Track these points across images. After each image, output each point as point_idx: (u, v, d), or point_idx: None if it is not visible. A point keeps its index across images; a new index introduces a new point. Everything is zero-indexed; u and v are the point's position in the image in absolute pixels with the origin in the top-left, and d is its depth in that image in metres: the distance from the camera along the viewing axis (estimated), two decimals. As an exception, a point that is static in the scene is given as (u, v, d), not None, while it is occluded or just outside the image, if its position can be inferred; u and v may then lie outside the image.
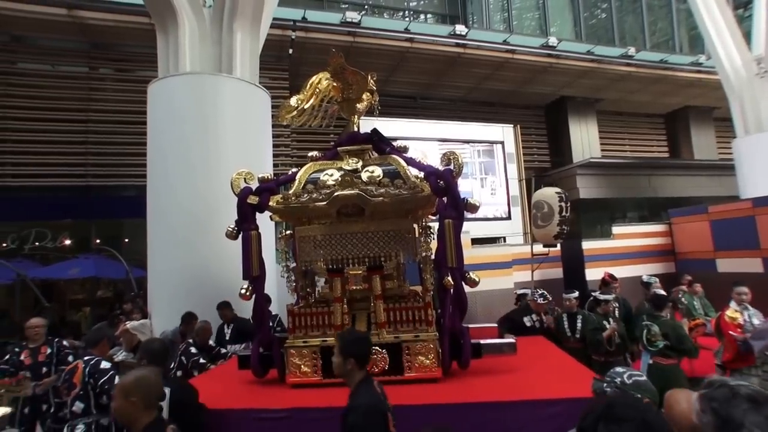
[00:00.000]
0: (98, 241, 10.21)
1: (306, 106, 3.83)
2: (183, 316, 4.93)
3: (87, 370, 3.05)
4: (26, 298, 8.90)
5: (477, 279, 3.18)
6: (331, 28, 10.20)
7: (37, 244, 9.47)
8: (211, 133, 5.68)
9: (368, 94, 3.89)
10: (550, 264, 8.35)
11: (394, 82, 12.00)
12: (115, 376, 3.02)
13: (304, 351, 3.20)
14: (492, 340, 3.43)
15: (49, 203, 9.53)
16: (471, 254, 6.46)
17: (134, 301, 6.67)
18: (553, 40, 11.84)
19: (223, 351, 4.79)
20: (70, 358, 4.10)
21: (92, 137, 9.51)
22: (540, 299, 5.12)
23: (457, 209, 3.14)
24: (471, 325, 3.51)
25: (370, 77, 3.79)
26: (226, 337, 5.12)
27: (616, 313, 5.49)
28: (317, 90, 3.84)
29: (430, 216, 3.79)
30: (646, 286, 6.41)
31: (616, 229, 9.33)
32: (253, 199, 3.31)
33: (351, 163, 3.36)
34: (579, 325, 5.02)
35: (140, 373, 1.99)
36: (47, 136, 9.20)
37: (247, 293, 3.24)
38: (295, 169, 3.56)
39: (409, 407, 2.62)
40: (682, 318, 5.99)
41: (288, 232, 3.61)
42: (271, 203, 3.31)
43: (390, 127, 8.79)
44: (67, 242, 9.88)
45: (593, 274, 7.99)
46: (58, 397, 3.82)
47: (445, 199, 3.24)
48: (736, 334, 4.23)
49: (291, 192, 3.30)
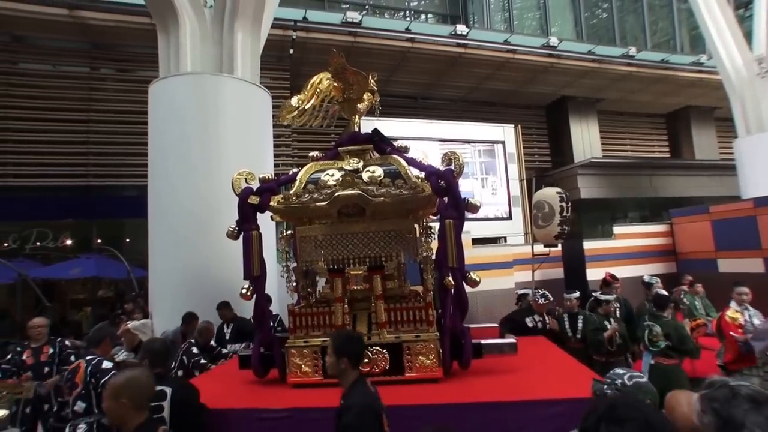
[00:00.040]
0: (99, 241, 10.24)
1: (307, 106, 3.83)
2: (183, 316, 4.94)
3: (89, 370, 3.06)
4: (27, 298, 8.92)
5: (478, 279, 3.18)
6: (332, 28, 10.20)
7: (39, 243, 9.50)
8: (212, 133, 5.68)
9: (369, 94, 3.89)
10: (551, 264, 8.36)
11: (395, 82, 12.01)
12: (117, 377, 3.02)
13: (305, 351, 3.20)
14: (493, 340, 3.43)
15: (50, 203, 9.56)
16: (472, 254, 6.46)
17: (135, 301, 6.69)
18: (554, 40, 11.84)
19: (224, 351, 4.80)
20: (72, 358, 4.10)
21: (93, 137, 9.54)
22: (541, 299, 5.09)
23: (458, 209, 3.14)
24: (472, 325, 3.50)
25: (370, 77, 3.79)
26: (226, 337, 5.12)
27: (617, 313, 5.48)
28: (318, 90, 3.84)
29: (430, 216, 3.79)
30: (647, 286, 6.39)
31: (617, 229, 9.33)
32: (253, 199, 3.30)
33: (352, 163, 3.36)
34: (580, 326, 5.00)
35: (131, 373, 1.97)
36: (48, 136, 9.23)
37: (248, 293, 3.24)
38: (295, 169, 3.56)
39: (410, 407, 2.63)
40: (683, 318, 5.99)
41: (289, 232, 3.62)
42: (271, 203, 3.31)
43: (391, 127, 8.80)
44: (69, 242, 9.91)
45: (594, 274, 7.99)
46: (60, 396, 3.83)
47: (445, 199, 3.23)
48: (737, 335, 4.23)
49: (292, 192, 3.30)
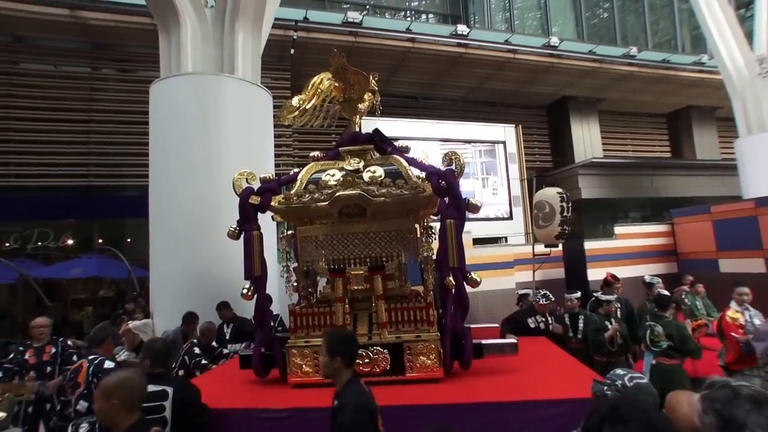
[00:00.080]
0: (100, 241, 10.25)
1: (308, 107, 3.83)
2: (184, 316, 4.94)
3: (91, 370, 3.07)
4: (29, 298, 8.93)
5: (478, 279, 3.17)
6: (333, 28, 10.20)
7: (40, 243, 9.52)
8: (212, 134, 5.69)
9: (370, 94, 3.88)
10: (552, 264, 8.35)
11: (396, 82, 12.01)
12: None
13: (306, 351, 3.20)
14: (493, 340, 3.43)
15: (51, 203, 9.57)
16: (472, 254, 6.45)
17: (136, 301, 6.68)
18: (554, 40, 11.83)
19: (225, 351, 4.80)
20: (74, 358, 4.11)
21: (94, 137, 9.55)
22: (542, 300, 5.08)
23: (459, 209, 3.14)
24: (472, 326, 3.50)
25: (371, 77, 3.79)
26: (226, 337, 5.12)
27: (618, 313, 5.47)
28: (319, 90, 3.84)
29: (431, 216, 3.79)
30: (648, 286, 6.38)
31: (618, 229, 9.32)
32: (254, 199, 3.30)
33: (353, 164, 3.36)
34: (581, 326, 5.00)
35: (123, 374, 1.95)
36: (50, 136, 9.24)
37: (249, 293, 3.24)
38: (296, 170, 3.56)
39: (411, 407, 2.63)
40: (684, 319, 5.98)
41: (290, 232, 3.62)
42: (272, 203, 3.31)
43: (391, 127, 8.79)
44: (70, 242, 9.92)
45: (595, 274, 7.99)
46: (63, 395, 3.84)
47: (446, 199, 3.23)
48: (738, 336, 4.22)
49: (293, 192, 3.30)
